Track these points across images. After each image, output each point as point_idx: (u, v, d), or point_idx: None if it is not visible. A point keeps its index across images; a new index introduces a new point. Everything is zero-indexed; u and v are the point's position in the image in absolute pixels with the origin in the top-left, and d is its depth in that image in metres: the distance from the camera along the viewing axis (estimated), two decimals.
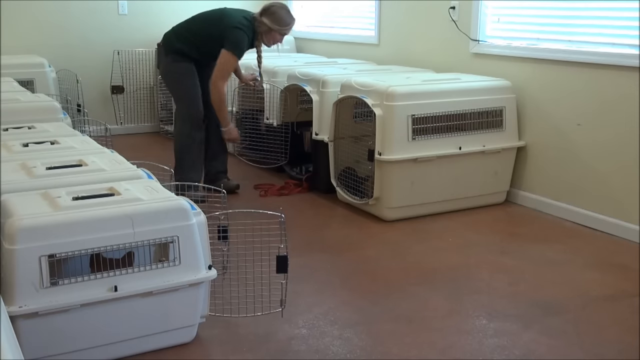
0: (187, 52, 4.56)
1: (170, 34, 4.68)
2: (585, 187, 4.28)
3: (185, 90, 4.62)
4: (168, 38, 4.67)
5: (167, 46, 4.65)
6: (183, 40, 4.57)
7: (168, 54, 4.62)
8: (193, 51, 4.57)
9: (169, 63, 4.64)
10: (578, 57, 4.24)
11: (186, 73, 4.60)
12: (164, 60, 4.68)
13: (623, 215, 4.05)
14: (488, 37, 4.95)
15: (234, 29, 4.42)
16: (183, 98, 4.66)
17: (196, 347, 2.75)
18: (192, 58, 4.59)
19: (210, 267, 2.72)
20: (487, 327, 2.95)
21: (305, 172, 5.14)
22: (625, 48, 3.99)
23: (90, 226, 2.45)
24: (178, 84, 4.65)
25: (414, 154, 4.21)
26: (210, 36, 4.51)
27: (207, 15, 4.61)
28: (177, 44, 4.58)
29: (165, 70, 4.73)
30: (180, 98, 4.69)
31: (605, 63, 4.07)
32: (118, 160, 3.14)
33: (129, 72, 6.79)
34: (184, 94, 4.64)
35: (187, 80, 4.60)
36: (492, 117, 4.50)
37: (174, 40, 4.61)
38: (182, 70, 4.59)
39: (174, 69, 4.62)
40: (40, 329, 2.40)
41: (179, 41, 4.58)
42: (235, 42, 4.44)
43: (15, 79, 5.12)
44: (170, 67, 4.64)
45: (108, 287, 2.49)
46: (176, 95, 4.76)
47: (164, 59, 4.68)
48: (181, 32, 4.62)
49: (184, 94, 4.64)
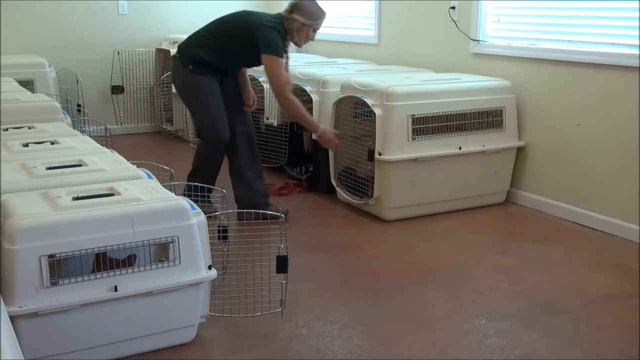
0: (212, 60, 4.09)
1: (189, 43, 4.18)
2: (585, 187, 4.28)
3: (211, 110, 4.11)
4: (186, 47, 4.16)
5: (186, 55, 4.13)
6: (206, 47, 4.09)
7: (187, 64, 4.10)
8: (219, 59, 4.10)
9: (188, 75, 4.11)
10: (578, 57, 4.24)
11: (209, 88, 4.11)
12: (182, 72, 4.14)
13: (623, 215, 4.05)
14: (488, 37, 4.95)
15: (265, 28, 4.02)
16: (205, 119, 4.14)
17: (196, 347, 2.75)
18: (217, 69, 4.12)
19: (210, 267, 2.72)
20: (487, 327, 2.95)
21: (305, 172, 5.14)
22: (625, 48, 3.99)
23: (90, 226, 2.45)
24: (199, 103, 4.14)
25: (414, 154, 4.21)
26: (239, 37, 4.07)
27: (231, 18, 4.19)
28: (199, 51, 4.10)
29: (184, 84, 4.20)
30: (202, 119, 4.17)
31: (605, 63, 4.07)
32: (118, 160, 3.14)
33: (129, 72, 6.79)
34: (206, 114, 4.13)
35: (210, 98, 4.10)
36: (492, 117, 4.50)
37: (194, 49, 4.11)
38: (205, 85, 4.10)
39: (195, 82, 4.11)
40: (40, 329, 2.40)
41: (201, 49, 4.10)
42: (269, 41, 4.01)
43: (15, 79, 5.13)
44: (191, 80, 4.11)
45: (108, 287, 2.49)
46: (197, 115, 4.21)
47: (182, 71, 4.14)
48: (203, 39, 4.13)
49: (207, 115, 4.12)
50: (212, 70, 4.12)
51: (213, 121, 4.11)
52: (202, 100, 4.11)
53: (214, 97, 4.11)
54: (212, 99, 4.10)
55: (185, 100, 4.30)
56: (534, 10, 4.61)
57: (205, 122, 4.14)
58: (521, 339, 2.85)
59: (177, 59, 4.18)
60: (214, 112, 4.10)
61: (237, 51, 4.11)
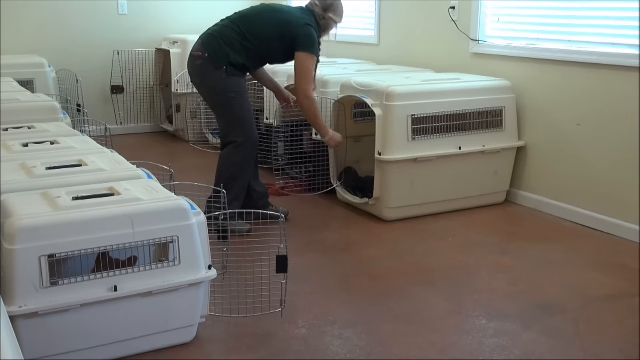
0: (247, 62, 3.97)
1: (219, 42, 3.93)
2: (585, 187, 4.28)
3: (244, 113, 3.98)
4: (218, 47, 3.92)
5: (219, 57, 3.90)
6: (242, 50, 3.92)
7: (222, 66, 3.89)
8: (254, 60, 4.01)
9: (222, 79, 3.91)
10: (578, 57, 4.24)
11: (243, 92, 3.99)
12: (215, 74, 3.92)
13: (623, 215, 4.05)
14: (488, 37, 4.95)
15: (306, 27, 3.92)
16: (240, 122, 3.98)
17: (196, 347, 2.75)
18: (248, 70, 4.05)
19: (210, 267, 2.72)
20: (487, 327, 2.95)
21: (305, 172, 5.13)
22: (625, 48, 3.99)
23: (90, 226, 2.45)
24: (234, 107, 3.96)
25: (413, 154, 4.21)
26: (280, 38, 3.94)
27: (262, 16, 4.03)
28: (236, 54, 3.91)
29: (219, 88, 3.96)
30: (236, 122, 3.99)
31: (605, 63, 4.07)
32: (118, 160, 3.14)
33: (129, 72, 6.79)
34: (242, 118, 3.98)
35: (245, 102, 3.99)
36: (492, 117, 4.50)
37: (229, 50, 3.90)
38: (241, 88, 3.98)
39: (230, 86, 3.93)
40: (40, 329, 2.40)
41: (237, 51, 3.91)
42: (310, 41, 3.91)
43: (15, 79, 5.13)
44: (226, 83, 3.92)
45: (108, 287, 2.49)
46: (231, 118, 4.00)
47: (215, 73, 3.92)
48: (237, 40, 3.92)
49: (242, 118, 3.98)
50: (245, 71, 4.05)
51: (248, 122, 4.00)
52: (239, 104, 3.97)
53: (248, 100, 4.03)
54: (246, 102, 4.01)
55: (216, 103, 4.07)
56: (534, 10, 4.61)
57: (239, 121, 3.98)
58: (521, 339, 2.85)
59: (207, 59, 3.92)
60: (249, 114, 4.01)
61: (275, 52, 4.03)
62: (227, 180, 3.90)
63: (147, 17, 6.89)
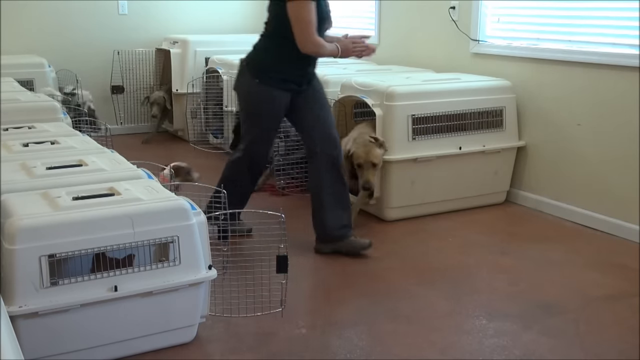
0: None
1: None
2: (585, 187, 4.28)
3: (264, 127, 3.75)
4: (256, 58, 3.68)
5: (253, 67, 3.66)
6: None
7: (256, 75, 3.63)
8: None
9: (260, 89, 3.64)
10: (578, 57, 4.23)
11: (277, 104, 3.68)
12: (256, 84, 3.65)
13: (623, 215, 4.05)
14: (488, 37, 4.95)
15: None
16: (255, 133, 3.75)
17: (196, 347, 2.75)
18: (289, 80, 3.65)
19: (210, 267, 2.72)
20: (487, 327, 2.95)
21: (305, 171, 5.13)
22: (625, 48, 3.99)
23: (90, 226, 2.45)
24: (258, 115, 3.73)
25: (414, 154, 4.21)
26: (275, 4, 3.56)
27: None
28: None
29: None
30: (254, 132, 3.75)
31: (605, 63, 4.07)
32: (118, 160, 3.14)
33: (129, 72, 6.78)
34: (259, 129, 3.75)
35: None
36: (492, 117, 4.50)
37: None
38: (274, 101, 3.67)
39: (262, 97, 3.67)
40: (40, 329, 2.40)
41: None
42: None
43: (14, 79, 5.12)
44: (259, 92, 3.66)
45: (108, 287, 2.49)
46: (252, 123, 3.77)
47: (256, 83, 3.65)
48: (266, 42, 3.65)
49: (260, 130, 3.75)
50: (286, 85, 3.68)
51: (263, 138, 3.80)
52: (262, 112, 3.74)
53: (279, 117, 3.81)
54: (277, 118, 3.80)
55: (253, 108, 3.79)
56: (534, 10, 4.61)
57: (256, 132, 3.77)
58: (521, 339, 2.85)
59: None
60: (270, 131, 3.81)
61: (283, 26, 3.54)
62: (225, 179, 3.79)
63: (147, 17, 6.89)
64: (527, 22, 4.68)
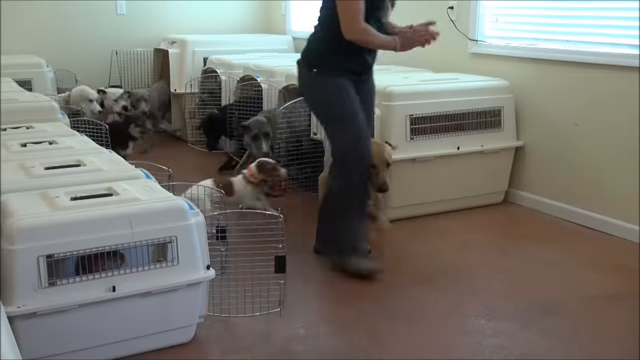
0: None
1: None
2: (583, 187, 4.28)
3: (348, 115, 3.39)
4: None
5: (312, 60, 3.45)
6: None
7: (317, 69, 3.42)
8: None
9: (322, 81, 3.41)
10: (576, 57, 4.24)
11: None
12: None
13: (621, 215, 4.05)
14: (486, 37, 4.95)
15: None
16: (343, 128, 3.39)
17: (194, 348, 2.75)
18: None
19: (208, 267, 2.72)
20: (485, 327, 2.95)
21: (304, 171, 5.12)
22: (624, 48, 3.99)
23: (88, 226, 2.44)
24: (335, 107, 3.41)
25: (412, 154, 4.20)
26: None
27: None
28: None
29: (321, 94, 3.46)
30: (339, 128, 3.41)
31: (603, 63, 4.07)
32: (116, 160, 3.14)
33: (127, 72, 6.78)
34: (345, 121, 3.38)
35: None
36: (490, 117, 4.50)
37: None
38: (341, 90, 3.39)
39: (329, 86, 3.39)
40: (38, 329, 2.40)
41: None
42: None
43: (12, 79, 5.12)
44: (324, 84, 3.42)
45: (106, 287, 2.48)
46: (333, 124, 3.44)
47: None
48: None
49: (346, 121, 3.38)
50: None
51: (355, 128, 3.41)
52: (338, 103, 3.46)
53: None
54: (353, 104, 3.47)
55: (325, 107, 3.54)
56: (532, 10, 4.61)
57: (342, 127, 3.42)
58: (520, 339, 2.85)
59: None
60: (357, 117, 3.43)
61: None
62: (336, 201, 3.50)
63: (146, 17, 6.88)
64: (526, 22, 4.68)
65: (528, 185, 4.66)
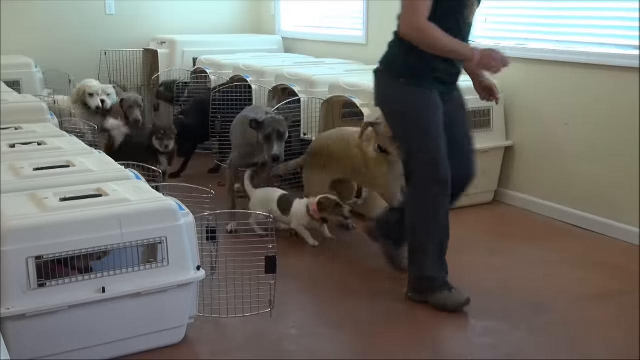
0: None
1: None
2: (573, 186, 4.30)
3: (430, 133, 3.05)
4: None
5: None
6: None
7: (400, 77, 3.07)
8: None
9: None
10: (566, 57, 4.25)
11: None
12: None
13: (611, 214, 4.07)
14: (475, 37, 4.94)
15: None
16: (423, 144, 3.06)
17: (185, 348, 2.74)
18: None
19: (198, 267, 2.71)
20: (475, 326, 2.96)
21: None
22: (613, 48, 4.00)
23: (77, 227, 2.43)
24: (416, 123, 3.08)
25: None
26: None
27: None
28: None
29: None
30: (419, 145, 3.08)
31: (593, 63, 4.08)
32: (106, 161, 3.13)
33: (116, 72, 6.75)
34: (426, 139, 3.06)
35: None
36: (479, 117, 4.50)
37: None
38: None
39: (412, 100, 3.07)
40: (28, 331, 2.39)
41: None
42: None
43: None
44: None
45: (96, 288, 2.47)
46: (414, 141, 3.11)
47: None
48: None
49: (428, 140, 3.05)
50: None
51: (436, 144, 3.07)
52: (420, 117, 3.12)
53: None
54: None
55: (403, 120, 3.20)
56: (522, 10, 4.62)
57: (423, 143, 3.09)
58: (510, 338, 2.86)
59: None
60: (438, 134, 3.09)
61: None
62: (418, 224, 3.16)
63: (135, 17, 6.86)
64: (515, 22, 4.70)
65: (517, 185, 4.68)
